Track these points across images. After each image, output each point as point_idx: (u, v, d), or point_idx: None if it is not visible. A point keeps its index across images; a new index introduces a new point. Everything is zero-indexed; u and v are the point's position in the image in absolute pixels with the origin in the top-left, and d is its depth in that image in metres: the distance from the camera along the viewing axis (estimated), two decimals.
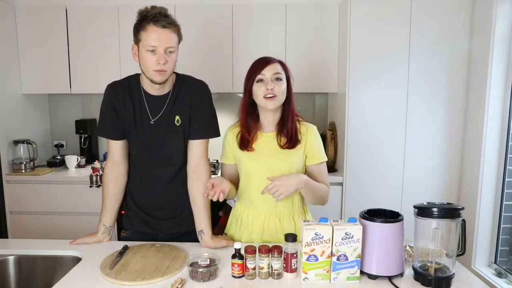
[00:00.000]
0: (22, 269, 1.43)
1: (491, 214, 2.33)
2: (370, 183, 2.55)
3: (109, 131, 1.51)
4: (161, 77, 1.37)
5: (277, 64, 1.45)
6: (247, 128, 1.49)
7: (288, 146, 1.46)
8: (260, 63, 1.44)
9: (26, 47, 2.75)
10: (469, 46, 2.43)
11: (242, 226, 1.54)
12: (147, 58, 1.35)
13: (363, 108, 2.51)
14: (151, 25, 1.32)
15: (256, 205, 1.51)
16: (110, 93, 1.49)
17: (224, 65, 2.74)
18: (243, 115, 1.50)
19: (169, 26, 1.34)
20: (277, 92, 1.41)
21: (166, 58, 1.35)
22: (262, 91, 1.41)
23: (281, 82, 1.43)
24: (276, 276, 1.23)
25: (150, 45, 1.33)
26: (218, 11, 2.69)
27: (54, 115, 3.18)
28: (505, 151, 2.25)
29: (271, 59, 1.45)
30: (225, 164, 1.58)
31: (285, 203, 1.50)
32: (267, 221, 1.50)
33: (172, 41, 1.36)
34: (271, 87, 1.40)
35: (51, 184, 2.64)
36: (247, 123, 1.49)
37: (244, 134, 1.49)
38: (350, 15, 2.44)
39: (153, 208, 1.56)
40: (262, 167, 1.48)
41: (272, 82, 1.41)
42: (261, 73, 1.42)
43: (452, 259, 1.20)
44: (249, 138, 1.48)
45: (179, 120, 1.47)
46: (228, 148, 1.54)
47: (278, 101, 1.42)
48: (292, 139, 1.46)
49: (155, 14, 1.32)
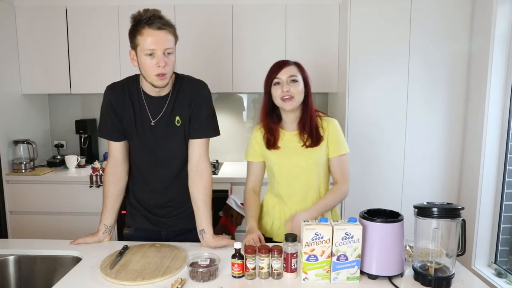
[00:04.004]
0: (22, 269, 1.44)
1: (491, 214, 2.33)
2: (370, 183, 2.55)
3: (109, 133, 1.51)
4: (162, 81, 1.37)
5: (293, 66, 1.52)
6: (269, 129, 1.58)
7: (311, 144, 1.53)
8: (276, 67, 1.52)
9: (26, 47, 2.75)
10: (469, 46, 2.43)
11: (274, 220, 1.62)
12: (147, 62, 1.34)
13: (363, 109, 2.51)
14: (147, 28, 1.31)
15: (285, 201, 1.60)
16: (110, 94, 1.49)
17: (224, 65, 2.74)
18: (264, 116, 1.59)
19: (164, 28, 1.33)
20: (294, 93, 1.49)
21: (166, 60, 1.34)
22: (279, 93, 1.49)
23: (297, 83, 1.50)
24: (276, 276, 1.23)
25: (148, 48, 1.32)
26: (218, 11, 2.69)
27: (54, 115, 3.18)
28: (505, 151, 2.25)
29: (286, 62, 1.53)
30: (252, 162, 1.65)
31: (314, 195, 1.58)
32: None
33: (170, 42, 1.35)
34: (287, 89, 1.48)
35: (51, 184, 2.64)
36: (268, 124, 1.58)
37: (267, 134, 1.58)
38: (350, 15, 2.44)
39: (156, 206, 1.57)
40: (287, 165, 1.56)
41: (288, 84, 1.49)
42: (277, 77, 1.50)
43: (452, 259, 1.20)
44: (273, 138, 1.57)
45: (179, 120, 1.48)
46: (257, 146, 1.61)
47: (295, 101, 1.50)
48: (314, 137, 1.53)
49: (149, 17, 1.31)
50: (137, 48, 1.36)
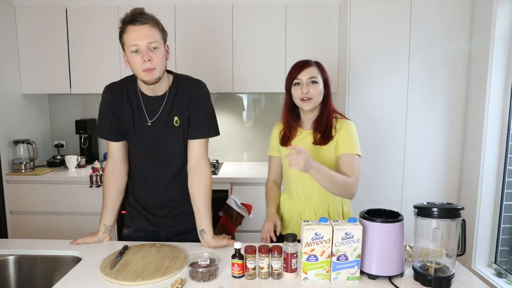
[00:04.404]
0: (22, 269, 1.44)
1: (491, 214, 2.33)
2: (370, 183, 2.55)
3: (108, 133, 1.51)
4: (150, 75, 1.35)
5: (314, 67, 1.53)
6: (289, 126, 1.62)
7: (321, 142, 1.54)
8: (297, 67, 1.54)
9: (26, 47, 2.75)
10: (469, 46, 2.43)
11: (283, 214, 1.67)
12: (133, 60, 1.34)
13: (363, 109, 2.51)
14: (130, 25, 1.33)
15: (294, 198, 1.64)
16: (108, 95, 1.48)
17: (224, 65, 2.74)
18: (285, 114, 1.62)
19: (146, 22, 1.33)
20: (313, 94, 1.51)
21: (151, 55, 1.33)
22: (299, 94, 1.52)
23: (317, 85, 1.52)
24: (276, 276, 1.23)
25: (132, 44, 1.32)
26: (218, 11, 2.69)
27: (54, 115, 3.18)
28: (505, 151, 2.25)
29: (307, 63, 1.54)
30: (272, 156, 1.73)
31: (320, 195, 1.59)
32: (303, 212, 1.60)
33: (153, 36, 1.33)
34: (306, 90, 1.50)
35: (51, 184, 2.64)
36: (289, 121, 1.62)
37: (285, 131, 1.62)
38: (350, 15, 2.44)
39: (155, 206, 1.57)
40: None
41: (308, 86, 1.51)
42: (297, 77, 1.52)
43: (452, 259, 1.20)
44: (289, 135, 1.61)
45: (177, 121, 1.47)
46: (275, 142, 1.68)
47: (313, 102, 1.52)
48: (325, 136, 1.54)
49: (131, 15, 1.33)
50: (124, 47, 1.36)
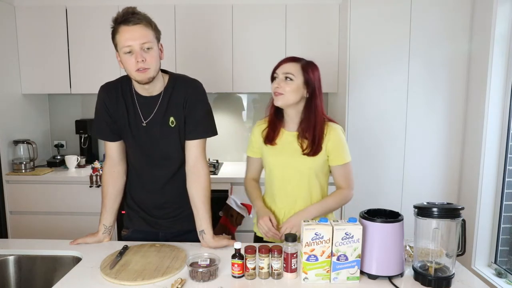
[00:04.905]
0: (22, 269, 1.43)
1: (491, 214, 2.33)
2: (370, 183, 2.55)
3: (104, 133, 1.50)
4: (143, 75, 1.33)
5: (294, 64, 1.49)
6: (273, 124, 1.57)
7: (309, 153, 1.50)
8: (279, 62, 1.53)
9: (26, 47, 2.75)
10: (469, 46, 2.43)
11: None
12: (127, 60, 1.32)
13: (363, 109, 2.51)
14: (122, 26, 1.31)
15: (277, 201, 1.59)
16: (103, 94, 1.48)
17: (224, 65, 2.74)
18: (271, 110, 1.58)
19: (139, 22, 1.30)
20: (283, 90, 1.47)
21: (144, 55, 1.31)
22: (273, 88, 1.51)
23: (291, 82, 1.47)
24: (276, 276, 1.23)
25: (125, 45, 1.30)
26: (218, 11, 2.69)
27: (54, 115, 3.18)
28: (505, 151, 2.25)
29: (290, 59, 1.52)
30: (251, 157, 1.66)
31: (304, 200, 1.55)
32: (287, 217, 1.54)
33: (146, 37, 1.31)
34: (277, 84, 1.48)
35: (51, 184, 2.64)
36: (272, 118, 1.58)
37: (268, 128, 1.58)
38: (350, 15, 2.44)
39: (153, 207, 1.56)
40: (282, 164, 1.55)
41: (282, 81, 1.48)
42: (275, 71, 1.52)
43: (452, 259, 1.20)
44: (273, 133, 1.56)
45: (173, 121, 1.45)
46: (255, 142, 1.62)
47: (284, 99, 1.48)
48: (315, 147, 1.49)
49: (123, 14, 1.31)
50: (117, 48, 1.34)
